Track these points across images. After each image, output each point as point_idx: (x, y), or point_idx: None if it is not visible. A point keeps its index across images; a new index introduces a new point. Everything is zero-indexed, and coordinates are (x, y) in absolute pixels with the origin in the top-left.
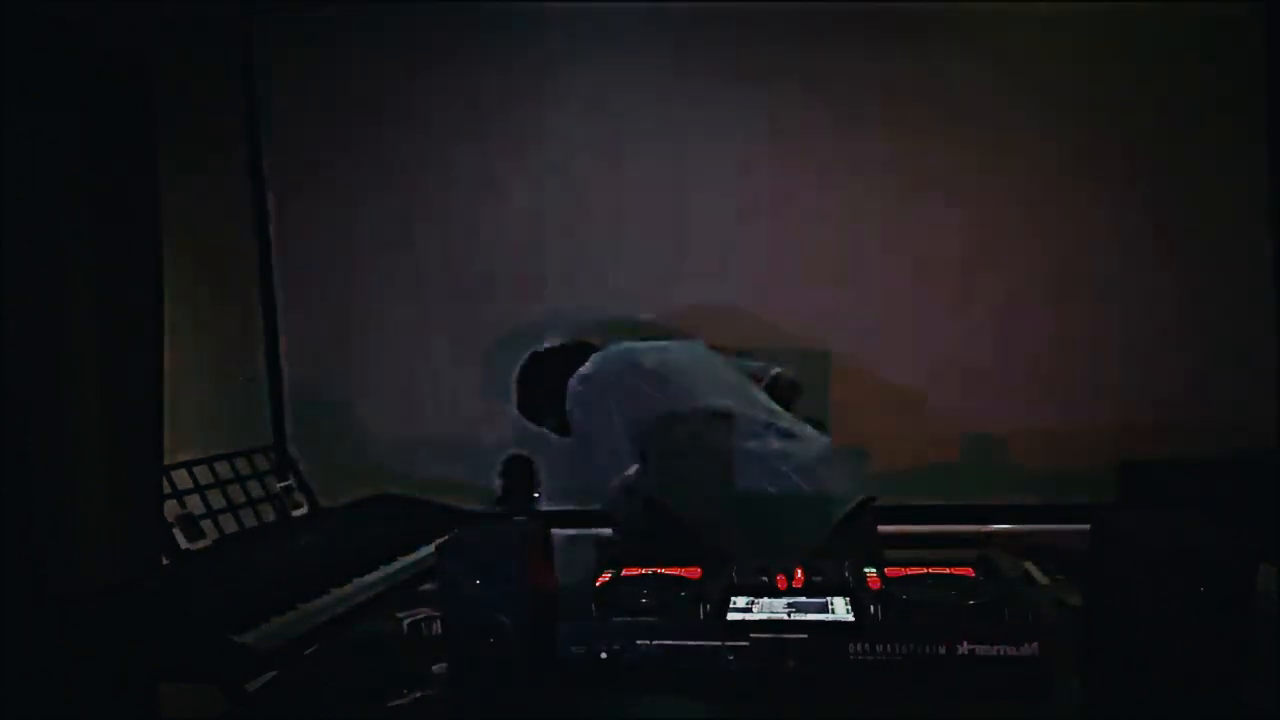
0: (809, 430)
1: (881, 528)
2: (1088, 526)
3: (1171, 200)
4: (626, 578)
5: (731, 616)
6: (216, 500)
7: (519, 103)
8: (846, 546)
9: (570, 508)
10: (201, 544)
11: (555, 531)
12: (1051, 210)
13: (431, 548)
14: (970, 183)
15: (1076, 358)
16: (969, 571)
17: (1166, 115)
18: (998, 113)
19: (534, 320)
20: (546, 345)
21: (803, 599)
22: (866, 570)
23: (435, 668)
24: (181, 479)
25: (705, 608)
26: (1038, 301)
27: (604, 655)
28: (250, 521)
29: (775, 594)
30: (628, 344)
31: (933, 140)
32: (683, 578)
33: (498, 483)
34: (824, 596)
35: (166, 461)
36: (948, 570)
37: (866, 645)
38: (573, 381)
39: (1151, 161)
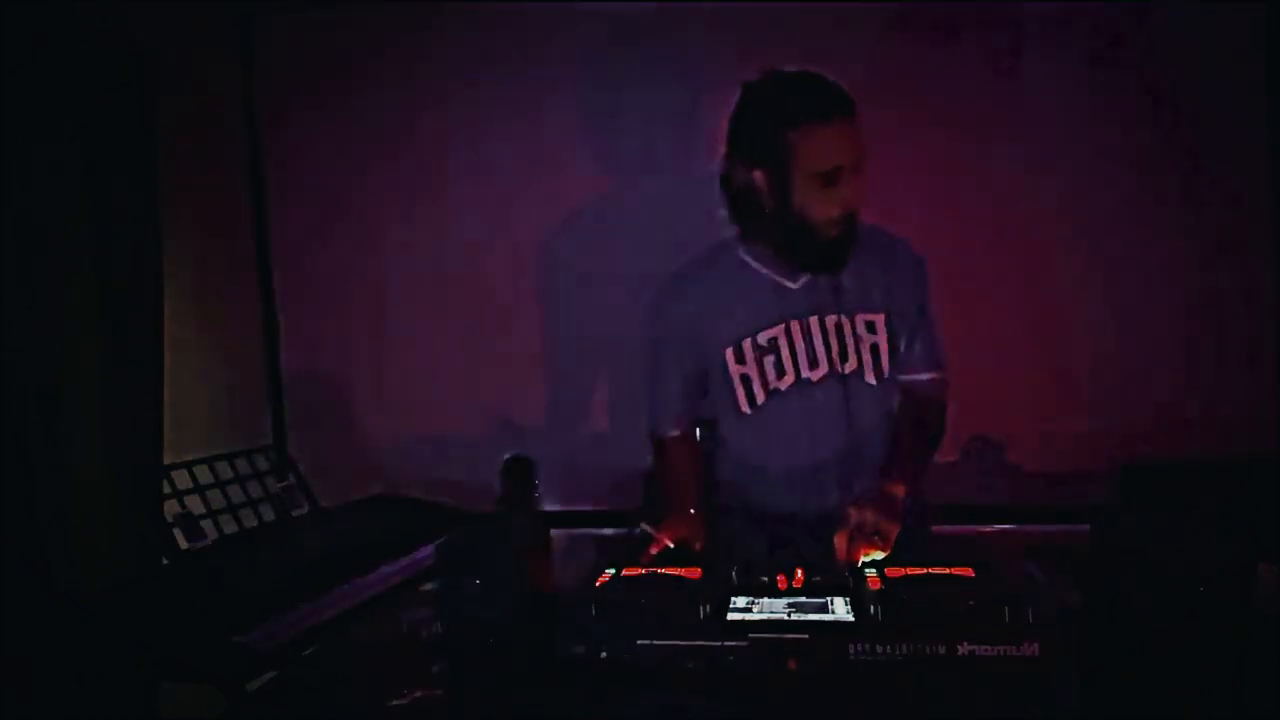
0: None
1: None
2: (1088, 527)
3: (1170, 200)
4: (626, 578)
5: (731, 616)
6: (216, 500)
7: (522, 107)
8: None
9: (570, 508)
10: (201, 544)
11: (555, 531)
12: (1051, 211)
13: (431, 548)
14: (969, 185)
15: (1076, 358)
16: (969, 571)
17: (1163, 114)
18: (993, 110)
19: (535, 322)
20: None
21: (803, 599)
22: (867, 570)
23: (435, 668)
24: (181, 479)
25: (705, 608)
26: (1038, 302)
27: (604, 655)
28: (250, 521)
29: (775, 594)
30: None
31: (932, 144)
32: (683, 578)
33: (498, 482)
34: (824, 596)
35: (166, 461)
36: (948, 570)
37: (866, 645)
38: None
39: (1150, 162)
